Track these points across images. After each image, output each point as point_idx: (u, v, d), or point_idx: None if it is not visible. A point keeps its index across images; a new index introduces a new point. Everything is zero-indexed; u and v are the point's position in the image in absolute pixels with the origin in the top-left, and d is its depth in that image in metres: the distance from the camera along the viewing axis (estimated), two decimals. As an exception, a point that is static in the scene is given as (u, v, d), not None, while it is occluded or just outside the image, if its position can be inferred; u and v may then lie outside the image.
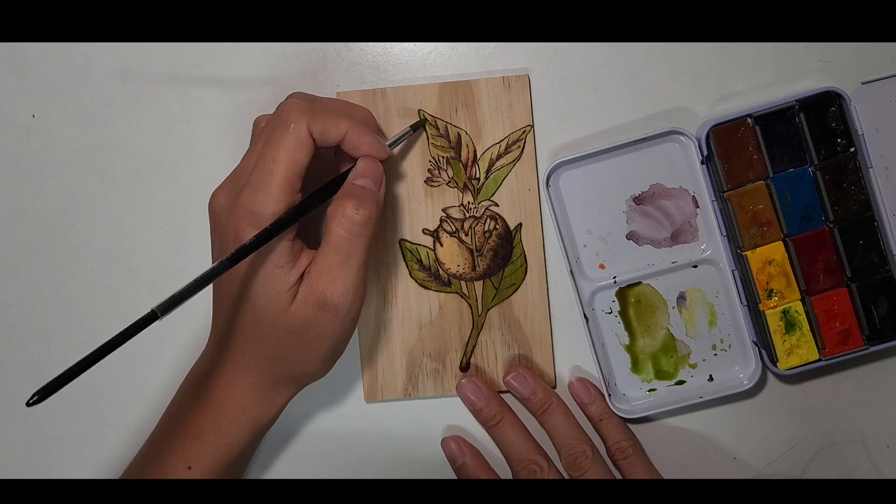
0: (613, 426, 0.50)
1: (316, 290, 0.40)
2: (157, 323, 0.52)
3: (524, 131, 0.51)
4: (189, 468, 0.43)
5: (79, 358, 0.32)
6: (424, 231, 0.51)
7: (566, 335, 0.51)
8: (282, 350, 0.42)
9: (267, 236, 0.39)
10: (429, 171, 0.51)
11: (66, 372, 0.31)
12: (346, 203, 0.40)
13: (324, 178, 0.44)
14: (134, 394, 0.52)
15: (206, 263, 0.52)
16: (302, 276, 0.41)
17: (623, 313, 0.51)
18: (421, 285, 0.51)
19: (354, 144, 0.43)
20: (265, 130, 0.42)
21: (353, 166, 0.43)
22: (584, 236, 0.51)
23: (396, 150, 0.50)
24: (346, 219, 0.40)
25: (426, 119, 0.50)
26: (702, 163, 0.49)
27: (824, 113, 0.48)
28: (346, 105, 0.46)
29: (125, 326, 0.33)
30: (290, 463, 0.52)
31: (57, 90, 0.52)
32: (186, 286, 0.35)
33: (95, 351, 0.32)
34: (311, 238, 0.43)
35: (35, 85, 0.52)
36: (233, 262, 0.37)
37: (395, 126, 0.51)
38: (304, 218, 0.41)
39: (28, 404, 0.31)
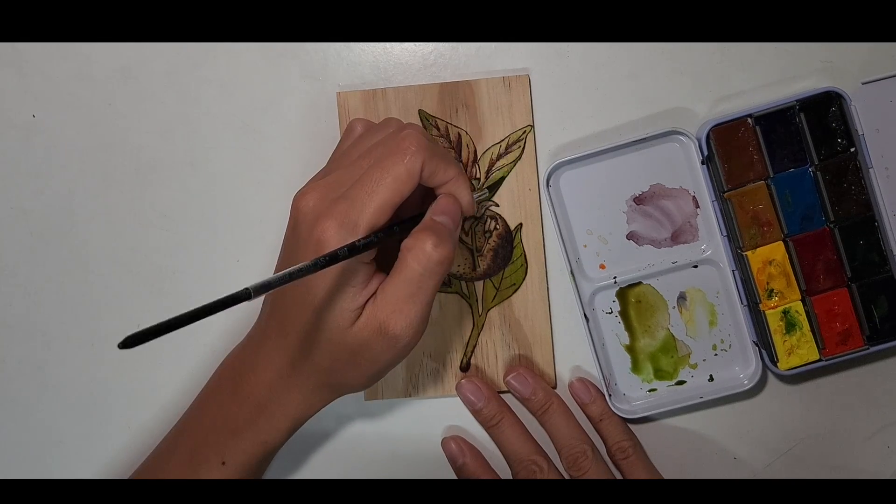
0: (614, 426, 0.50)
1: (380, 316, 0.40)
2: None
3: (524, 131, 0.51)
4: (223, 463, 0.43)
5: (173, 315, 0.32)
6: (424, 231, 0.51)
7: (566, 335, 0.51)
8: (334, 363, 0.42)
9: (355, 251, 0.38)
10: (429, 171, 0.51)
11: (159, 324, 0.31)
12: (425, 238, 0.40)
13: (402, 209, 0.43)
14: (134, 394, 0.52)
15: (206, 262, 0.52)
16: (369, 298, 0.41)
17: (623, 313, 0.51)
18: (421, 285, 0.51)
19: (451, 193, 0.42)
20: (377, 149, 0.41)
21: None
22: (584, 236, 0.51)
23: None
24: (423, 255, 0.39)
25: (496, 186, 0.50)
26: (702, 163, 0.49)
27: (824, 113, 0.48)
28: (453, 157, 0.46)
29: (218, 297, 0.32)
30: (291, 463, 0.52)
31: (57, 90, 0.52)
32: (275, 277, 0.34)
33: (189, 313, 0.32)
34: (381, 261, 0.42)
35: (35, 85, 0.52)
36: (318, 268, 0.36)
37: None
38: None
39: (120, 346, 0.31)
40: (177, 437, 0.46)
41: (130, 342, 0.31)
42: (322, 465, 0.52)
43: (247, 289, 0.33)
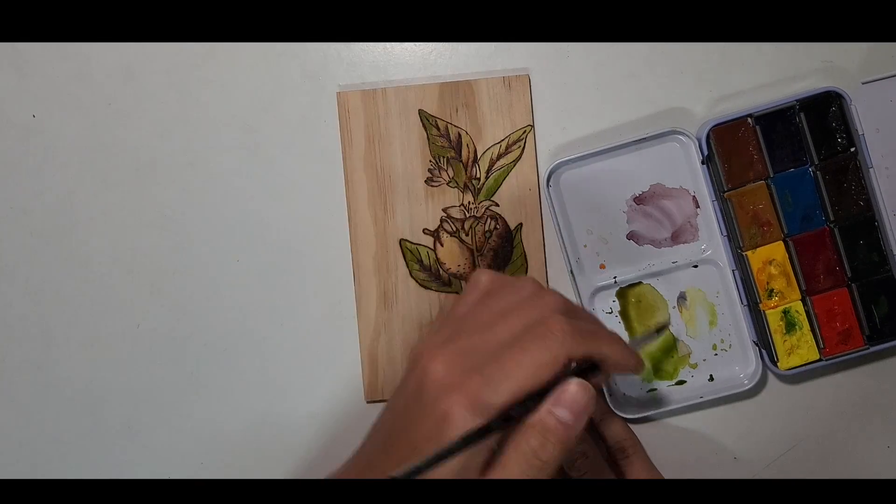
0: (614, 426, 0.50)
1: None
2: (156, 323, 0.52)
3: (524, 131, 0.51)
4: None
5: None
6: (425, 231, 0.51)
7: (566, 335, 0.51)
8: None
9: (488, 431, 0.35)
10: (429, 171, 0.51)
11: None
12: (529, 437, 0.36)
13: None
14: (134, 395, 0.52)
15: (206, 263, 0.52)
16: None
17: (623, 313, 0.51)
18: (421, 285, 0.51)
19: (613, 364, 0.39)
20: (515, 318, 0.38)
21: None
22: (584, 236, 0.51)
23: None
24: (524, 455, 0.36)
25: (668, 324, 0.49)
26: (702, 163, 0.49)
27: (824, 113, 0.48)
28: (608, 331, 0.41)
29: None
30: (291, 463, 0.52)
31: (57, 90, 0.52)
32: (427, 460, 0.34)
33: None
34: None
35: (35, 85, 0.52)
36: (464, 447, 0.35)
37: (395, 124, 0.51)
38: None
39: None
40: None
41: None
42: (322, 465, 0.52)
43: (392, 477, 0.32)
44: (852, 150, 0.48)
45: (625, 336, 0.51)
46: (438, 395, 0.36)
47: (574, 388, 0.37)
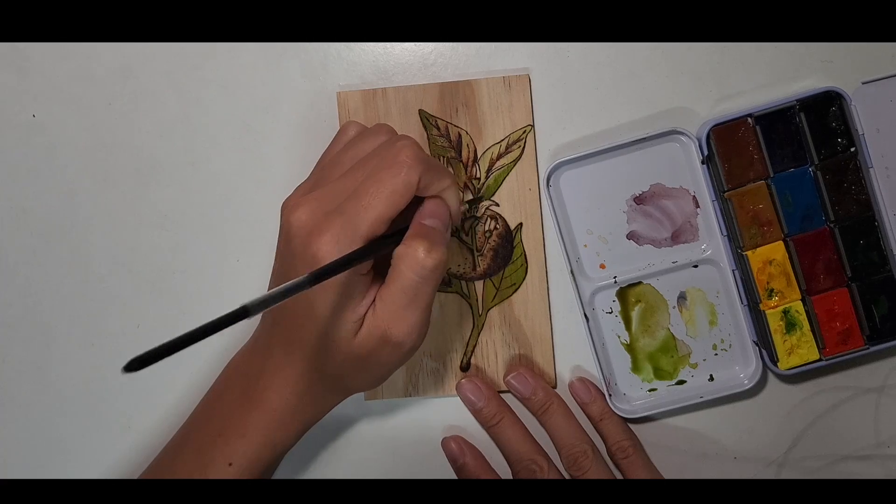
0: (614, 426, 0.50)
1: (381, 325, 0.40)
2: (156, 323, 0.52)
3: (524, 131, 0.51)
4: (230, 465, 0.43)
5: (171, 337, 0.32)
6: (425, 231, 0.51)
7: (566, 335, 0.51)
8: (342, 370, 0.42)
9: (351, 264, 0.38)
10: (429, 170, 0.51)
11: (160, 347, 0.31)
12: (417, 246, 0.40)
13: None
14: (134, 394, 0.52)
15: (206, 262, 0.52)
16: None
17: (623, 313, 0.51)
18: (421, 285, 0.51)
19: (448, 201, 0.42)
20: (371, 160, 0.41)
21: None
22: (584, 236, 0.51)
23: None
24: (416, 262, 0.39)
25: (482, 198, 0.50)
26: (702, 163, 0.49)
27: (825, 113, 0.48)
28: (443, 164, 0.45)
29: (217, 316, 0.33)
30: (291, 463, 0.52)
31: (57, 90, 0.52)
32: (272, 294, 0.34)
33: (187, 334, 0.32)
34: (379, 269, 0.42)
35: (35, 85, 0.52)
36: (315, 282, 0.36)
37: (395, 124, 0.50)
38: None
39: (124, 370, 0.31)
40: (183, 439, 0.46)
41: (136, 365, 0.31)
42: (322, 465, 0.52)
43: (244, 306, 0.33)
44: (852, 150, 0.48)
45: (624, 335, 0.51)
46: (305, 242, 0.39)
47: (432, 203, 0.42)
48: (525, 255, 0.51)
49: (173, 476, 0.44)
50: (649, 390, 0.51)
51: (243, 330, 0.46)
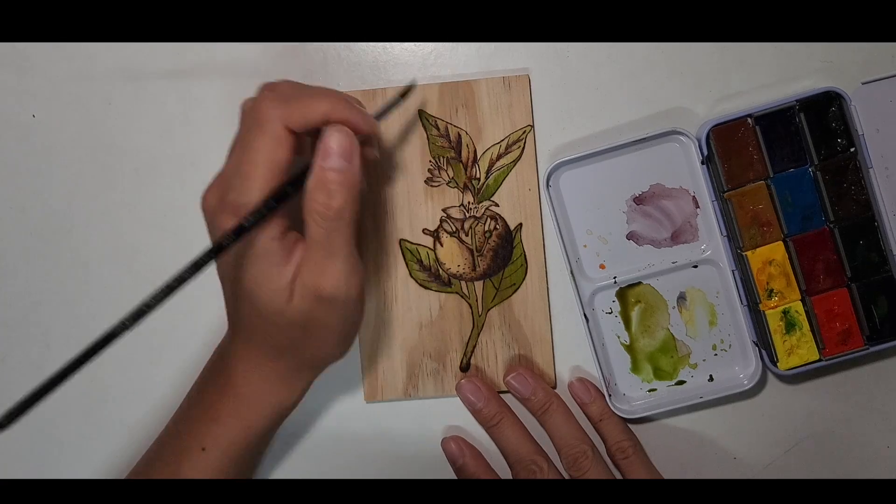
0: (613, 426, 0.50)
1: (309, 284, 0.39)
2: (156, 323, 0.52)
3: (524, 131, 0.51)
4: (203, 449, 0.43)
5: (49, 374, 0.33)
6: (425, 231, 0.51)
7: (566, 335, 0.51)
8: (292, 341, 0.42)
9: (244, 230, 0.38)
10: (429, 171, 0.51)
11: (29, 396, 0.32)
12: (315, 196, 0.38)
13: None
14: (134, 394, 0.52)
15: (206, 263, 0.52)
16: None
17: (623, 313, 0.51)
18: (421, 285, 0.51)
19: (339, 122, 0.40)
20: (241, 129, 0.41)
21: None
22: (584, 236, 0.51)
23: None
24: (318, 214, 0.38)
25: (415, 84, 0.47)
26: (702, 163, 0.49)
27: (824, 113, 0.48)
28: (323, 88, 0.43)
29: (95, 339, 0.33)
30: (291, 463, 0.52)
31: (57, 90, 0.52)
32: (176, 275, 0.35)
33: (59, 372, 0.33)
34: (302, 229, 0.42)
35: (35, 85, 0.52)
36: (213, 255, 0.37)
37: (395, 124, 0.51)
38: (295, 207, 0.40)
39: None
40: (166, 429, 0.47)
41: (5, 421, 0.32)
42: (322, 465, 0.52)
43: (123, 321, 0.34)
44: (852, 150, 0.48)
45: (624, 335, 0.51)
46: (212, 223, 0.40)
47: (325, 138, 0.39)
48: (525, 255, 0.51)
49: (158, 469, 0.45)
50: (649, 391, 0.51)
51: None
